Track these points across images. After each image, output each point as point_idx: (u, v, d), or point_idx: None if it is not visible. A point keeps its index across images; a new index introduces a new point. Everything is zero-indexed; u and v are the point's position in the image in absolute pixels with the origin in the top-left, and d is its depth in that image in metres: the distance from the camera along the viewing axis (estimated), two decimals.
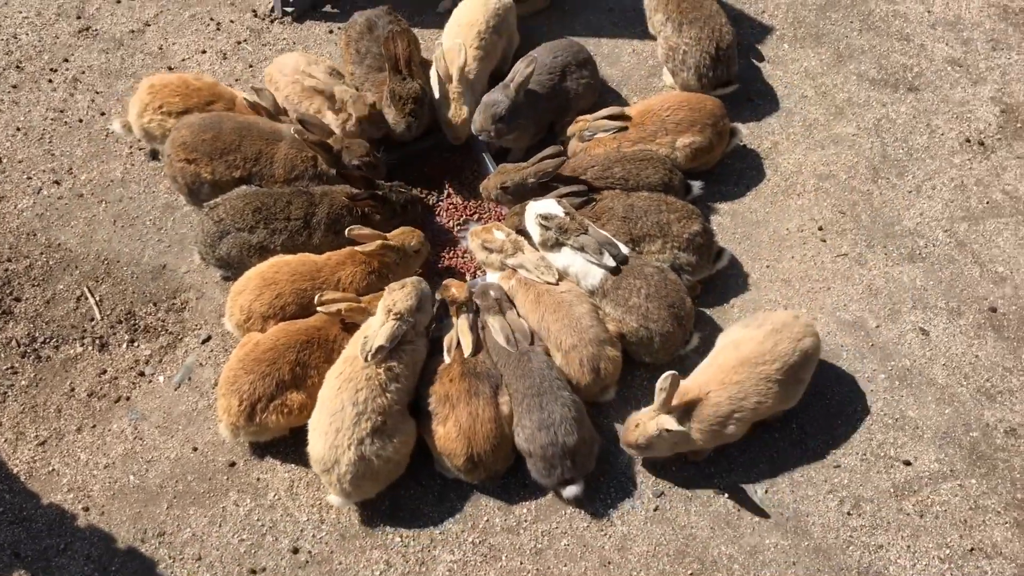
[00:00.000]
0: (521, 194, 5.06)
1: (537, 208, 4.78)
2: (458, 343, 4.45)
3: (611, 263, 4.62)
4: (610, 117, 5.35)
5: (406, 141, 5.47)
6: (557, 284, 4.64)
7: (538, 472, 4.30)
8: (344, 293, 4.54)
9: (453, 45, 5.42)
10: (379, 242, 4.68)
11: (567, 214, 4.72)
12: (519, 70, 5.26)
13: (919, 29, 6.31)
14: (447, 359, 4.41)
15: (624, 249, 4.70)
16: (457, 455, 4.19)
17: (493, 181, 5.15)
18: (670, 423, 4.10)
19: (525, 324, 4.58)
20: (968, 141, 5.74)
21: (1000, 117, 5.85)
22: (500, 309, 4.63)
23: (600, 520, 4.36)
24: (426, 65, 5.53)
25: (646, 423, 4.20)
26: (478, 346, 4.47)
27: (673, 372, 4.08)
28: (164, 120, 5.22)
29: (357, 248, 4.72)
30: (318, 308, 4.44)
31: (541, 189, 5.02)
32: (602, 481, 4.47)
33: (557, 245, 4.74)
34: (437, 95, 5.44)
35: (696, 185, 5.27)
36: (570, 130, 5.48)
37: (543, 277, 4.63)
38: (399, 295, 4.27)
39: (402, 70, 5.21)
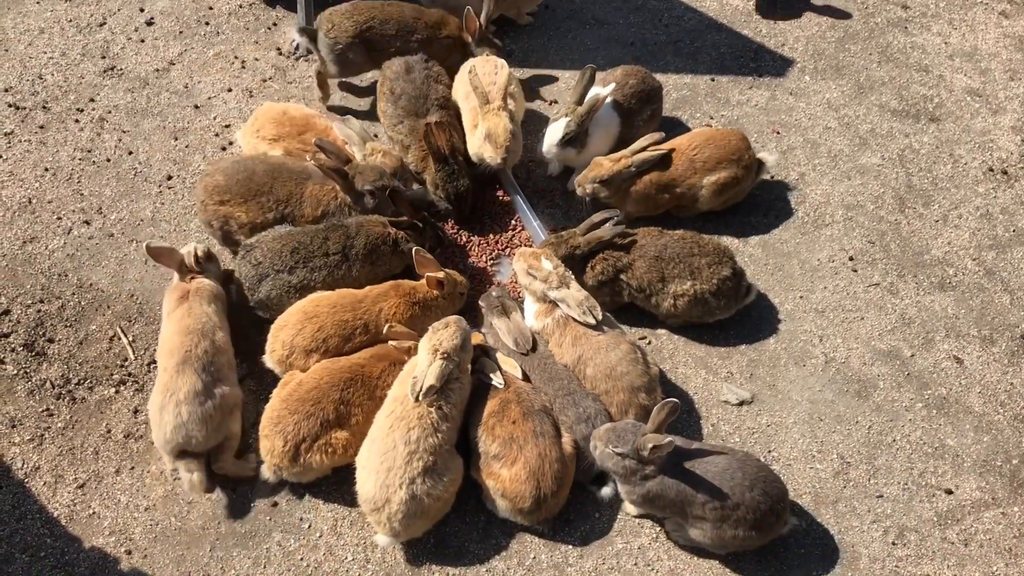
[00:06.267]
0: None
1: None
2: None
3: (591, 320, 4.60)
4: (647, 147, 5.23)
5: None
6: (597, 327, 4.59)
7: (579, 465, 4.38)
8: (410, 331, 4.52)
9: (486, 62, 5.50)
10: (442, 274, 4.74)
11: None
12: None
13: (937, 60, 6.39)
14: (498, 384, 4.39)
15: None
16: (525, 497, 4.13)
17: (588, 175, 5.24)
18: None
19: (524, 326, 4.68)
20: (991, 170, 5.80)
21: (1022, 146, 5.92)
22: (504, 310, 4.69)
23: (647, 555, 4.34)
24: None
25: None
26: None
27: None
28: (259, 144, 5.35)
29: (402, 283, 4.76)
30: (389, 342, 4.47)
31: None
32: (647, 516, 4.46)
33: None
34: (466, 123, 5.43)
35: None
36: (590, 175, 5.28)
37: (584, 317, 4.55)
38: (444, 335, 4.23)
39: (448, 160, 5.23)
